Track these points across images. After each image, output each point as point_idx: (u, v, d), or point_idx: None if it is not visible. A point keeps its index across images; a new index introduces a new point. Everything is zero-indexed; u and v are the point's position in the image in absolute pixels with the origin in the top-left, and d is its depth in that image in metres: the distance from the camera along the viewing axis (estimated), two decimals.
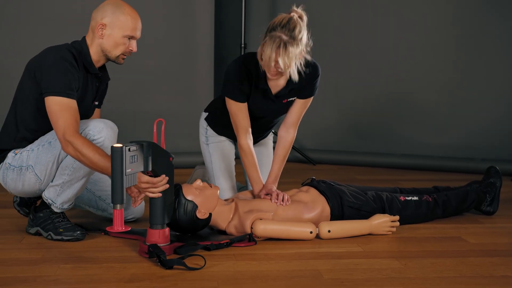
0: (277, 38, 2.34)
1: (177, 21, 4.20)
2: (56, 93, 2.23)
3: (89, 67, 2.41)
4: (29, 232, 2.44)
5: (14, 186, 2.41)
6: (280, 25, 2.35)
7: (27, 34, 3.94)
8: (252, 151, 2.65)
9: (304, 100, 2.66)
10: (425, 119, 4.41)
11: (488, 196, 2.87)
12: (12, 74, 3.91)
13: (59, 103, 2.23)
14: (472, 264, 2.18)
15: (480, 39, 4.25)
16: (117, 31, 2.37)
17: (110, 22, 2.37)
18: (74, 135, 2.21)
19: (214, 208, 2.39)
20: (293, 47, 2.34)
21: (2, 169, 2.42)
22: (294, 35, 2.34)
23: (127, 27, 2.38)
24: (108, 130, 2.31)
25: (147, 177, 2.15)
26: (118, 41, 2.38)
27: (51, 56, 2.30)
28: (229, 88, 2.58)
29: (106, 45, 2.39)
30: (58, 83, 2.24)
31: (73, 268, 2.07)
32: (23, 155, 2.37)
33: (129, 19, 2.38)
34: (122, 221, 2.02)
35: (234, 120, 2.63)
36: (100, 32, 2.37)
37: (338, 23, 4.44)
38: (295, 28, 2.35)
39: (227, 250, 2.28)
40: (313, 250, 2.31)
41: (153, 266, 2.09)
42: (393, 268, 2.12)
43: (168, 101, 4.25)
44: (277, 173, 2.71)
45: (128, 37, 2.39)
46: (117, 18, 2.37)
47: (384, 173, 4.10)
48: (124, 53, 2.43)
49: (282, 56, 2.34)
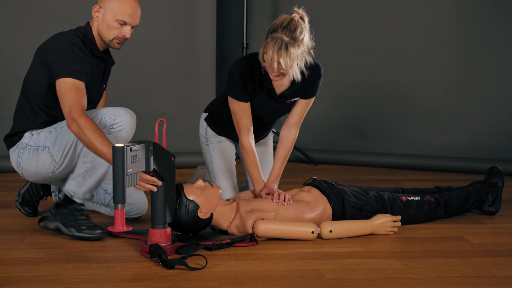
0: (279, 40, 2.34)
1: (179, 22, 4.20)
2: (66, 75, 2.27)
3: (94, 51, 2.45)
4: (47, 226, 2.44)
5: (28, 167, 2.41)
6: (281, 27, 2.36)
7: (28, 32, 3.95)
8: (253, 150, 2.65)
9: (306, 100, 2.67)
10: (427, 119, 4.41)
11: (490, 196, 2.86)
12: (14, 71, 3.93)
13: (67, 83, 2.27)
14: (474, 264, 2.18)
15: (482, 39, 4.25)
16: (110, 14, 2.40)
17: (104, 5, 2.41)
18: (80, 113, 2.22)
19: (215, 208, 2.39)
20: (295, 48, 2.34)
21: (18, 149, 2.43)
22: (295, 36, 2.35)
23: (119, 11, 2.40)
24: (128, 116, 2.35)
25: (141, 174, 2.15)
26: (110, 24, 2.41)
27: (61, 42, 2.35)
28: (233, 87, 2.58)
29: (101, 28, 2.43)
30: (69, 67, 2.28)
31: (74, 267, 2.07)
32: (41, 135, 2.39)
33: (123, 4, 2.40)
34: (123, 221, 2.02)
35: (236, 120, 2.63)
36: (96, 15, 2.43)
37: (340, 23, 4.44)
38: (296, 29, 2.35)
39: (229, 250, 2.28)
40: (315, 250, 2.31)
41: (155, 266, 2.10)
42: (394, 268, 2.11)
43: (169, 101, 4.25)
44: (278, 172, 2.71)
45: (120, 22, 2.41)
46: (111, 1, 2.40)
47: (386, 173, 4.10)
48: (117, 37, 2.44)
49: (283, 57, 2.34)
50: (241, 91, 2.57)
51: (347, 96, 4.53)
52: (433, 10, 4.31)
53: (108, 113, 2.33)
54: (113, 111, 2.34)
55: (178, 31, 4.20)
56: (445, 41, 4.31)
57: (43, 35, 3.89)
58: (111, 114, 2.33)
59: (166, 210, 2.20)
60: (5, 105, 3.85)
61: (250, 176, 2.68)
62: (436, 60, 4.34)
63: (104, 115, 2.33)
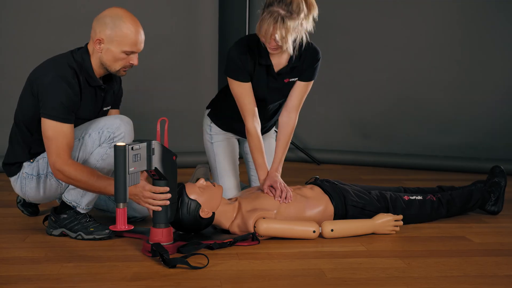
0: (275, 13, 2.36)
1: (182, 20, 4.20)
2: (51, 117, 2.21)
3: (91, 81, 2.34)
4: (52, 234, 2.42)
5: (34, 195, 2.42)
6: (277, 0, 2.38)
7: (30, 33, 3.95)
8: (259, 135, 2.64)
9: (304, 83, 2.66)
10: (429, 118, 4.40)
11: (492, 196, 2.86)
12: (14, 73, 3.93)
13: (52, 128, 2.22)
14: (476, 263, 2.17)
15: (485, 39, 4.24)
16: (116, 46, 2.27)
17: (108, 37, 2.26)
18: (66, 162, 2.20)
19: (217, 207, 2.39)
20: (290, 21, 2.36)
21: (19, 179, 2.42)
22: (292, 9, 2.36)
23: (126, 42, 2.27)
24: (125, 125, 2.33)
25: (149, 185, 2.16)
26: (116, 56, 2.29)
27: (50, 74, 2.25)
28: (232, 68, 2.57)
29: (105, 59, 2.31)
30: (54, 107, 2.21)
31: (76, 266, 2.07)
32: (40, 162, 2.38)
33: (129, 34, 2.26)
34: (125, 220, 2.02)
35: (239, 103, 2.62)
36: (98, 47, 2.29)
37: (342, 23, 4.43)
38: (293, 3, 2.37)
39: (230, 249, 2.28)
40: (316, 249, 2.31)
41: (156, 265, 2.09)
42: (396, 268, 2.11)
43: (171, 100, 4.25)
44: (281, 159, 2.69)
45: (127, 52, 2.29)
46: (115, 33, 2.26)
47: (388, 173, 4.09)
48: (124, 67, 2.34)
49: (279, 29, 2.36)
50: (240, 71, 2.56)
51: (349, 95, 4.52)
52: (436, 10, 4.30)
53: (105, 127, 2.31)
54: (109, 124, 2.31)
55: (180, 30, 4.20)
56: (447, 41, 4.30)
57: (46, 34, 3.93)
58: (108, 127, 2.31)
59: (168, 209, 2.20)
60: (10, 105, 3.86)
61: (254, 161, 2.67)
62: (439, 59, 4.33)
63: (102, 129, 2.31)
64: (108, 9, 2.31)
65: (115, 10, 2.30)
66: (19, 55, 3.94)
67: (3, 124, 3.85)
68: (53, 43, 3.92)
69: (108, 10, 2.30)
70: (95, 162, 2.32)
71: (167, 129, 2.24)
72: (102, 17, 2.28)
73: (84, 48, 2.36)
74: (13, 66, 3.93)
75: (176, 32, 4.21)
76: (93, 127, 2.33)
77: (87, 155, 2.32)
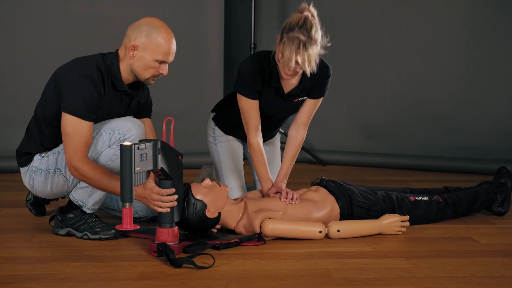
0: (296, 39, 2.35)
1: (187, 22, 4.21)
2: (72, 112, 2.23)
3: (117, 85, 2.36)
4: (59, 234, 2.42)
5: (42, 189, 2.43)
6: (298, 26, 2.36)
7: (38, 35, 3.96)
8: (261, 149, 2.65)
9: (314, 100, 2.67)
10: (435, 119, 4.39)
11: (499, 197, 2.85)
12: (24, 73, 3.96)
13: (72, 124, 2.23)
14: (483, 264, 2.16)
15: (491, 39, 4.23)
16: (149, 54, 2.30)
17: (142, 44, 2.29)
18: (81, 160, 2.22)
19: (223, 207, 2.39)
20: (312, 47, 2.36)
21: (29, 172, 2.43)
22: (312, 35, 2.36)
23: (159, 51, 2.30)
24: (136, 128, 2.34)
25: (157, 188, 2.17)
26: (148, 64, 2.31)
27: (76, 72, 2.27)
28: (242, 84, 2.58)
29: (136, 66, 2.33)
30: (76, 103, 2.23)
31: (82, 266, 2.08)
32: (50, 158, 2.39)
33: (163, 43, 2.29)
34: (131, 220, 2.02)
35: (244, 118, 2.63)
36: (131, 53, 2.30)
37: (347, 24, 4.43)
38: (312, 28, 2.37)
39: (236, 249, 2.28)
40: (322, 250, 2.30)
41: (162, 265, 2.10)
42: (402, 268, 2.11)
43: (177, 101, 4.25)
44: (287, 172, 2.71)
45: (159, 61, 2.32)
46: (150, 41, 2.28)
47: (394, 174, 4.08)
48: (153, 76, 2.37)
49: (301, 55, 2.35)
50: (250, 89, 2.57)
51: (355, 96, 4.52)
52: (441, 11, 4.30)
53: (116, 128, 2.32)
54: (120, 126, 2.33)
55: (186, 31, 4.20)
56: (453, 41, 4.29)
57: (53, 35, 3.94)
58: (119, 129, 2.32)
59: (174, 209, 2.20)
60: (19, 105, 3.88)
61: (258, 175, 2.68)
62: (444, 60, 4.32)
63: (113, 130, 2.32)
64: (144, 18, 2.34)
65: (151, 20, 2.33)
66: (20, 55, 3.95)
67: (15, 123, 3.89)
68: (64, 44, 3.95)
69: (144, 19, 2.34)
70: (103, 163, 2.33)
71: (173, 129, 2.24)
72: (138, 25, 2.32)
73: (115, 53, 2.38)
74: (22, 66, 3.94)
75: (182, 33, 4.20)
76: (105, 128, 2.34)
77: (97, 155, 2.32)
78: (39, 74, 3.92)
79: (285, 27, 2.40)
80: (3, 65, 3.93)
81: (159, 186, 2.18)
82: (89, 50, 3.92)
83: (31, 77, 3.92)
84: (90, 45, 3.96)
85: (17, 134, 3.34)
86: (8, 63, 3.94)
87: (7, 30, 3.94)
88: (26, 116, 3.04)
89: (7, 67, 3.94)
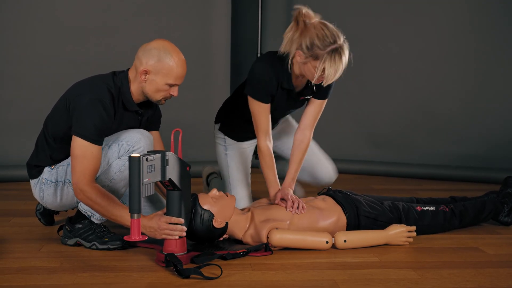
0: (336, 54, 2.41)
1: (194, 30, 4.23)
2: (82, 136, 2.25)
3: (129, 106, 2.38)
4: (67, 244, 2.44)
5: (52, 201, 2.45)
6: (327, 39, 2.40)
7: (43, 42, 3.99)
8: (270, 153, 2.66)
9: (319, 102, 2.69)
10: (442, 128, 4.39)
11: (506, 207, 2.84)
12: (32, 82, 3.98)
13: (81, 147, 2.25)
14: (490, 275, 2.16)
15: (498, 48, 4.23)
16: (161, 78, 2.32)
17: (154, 69, 2.31)
18: (88, 184, 2.23)
19: (230, 217, 2.40)
20: (345, 53, 2.45)
21: (39, 184, 2.46)
22: (342, 44, 2.44)
23: (171, 76, 2.32)
24: (145, 139, 2.36)
25: (165, 217, 2.19)
26: (160, 88, 2.34)
27: (88, 96, 2.28)
28: (255, 88, 2.58)
29: (147, 89, 2.35)
30: (88, 128, 2.25)
31: (91, 276, 2.09)
32: (60, 169, 2.41)
33: (174, 68, 2.32)
34: (139, 230, 2.04)
35: (255, 121, 2.63)
36: (142, 77, 2.33)
37: (354, 32, 4.41)
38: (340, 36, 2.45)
39: (244, 259, 2.29)
40: (330, 260, 2.31)
41: (170, 275, 2.11)
42: (410, 279, 2.11)
43: (184, 109, 4.27)
44: (294, 176, 2.71)
45: (170, 84, 2.35)
46: (162, 66, 2.30)
47: (400, 183, 4.08)
48: (165, 97, 2.40)
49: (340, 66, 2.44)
50: (264, 93, 2.57)
51: (361, 105, 4.52)
52: (449, 21, 4.30)
53: (125, 140, 2.35)
54: (129, 137, 2.35)
55: (192, 39, 4.22)
56: (460, 50, 4.30)
57: (56, 45, 3.96)
58: (128, 140, 2.34)
59: None
60: (26, 115, 3.91)
61: (266, 179, 2.69)
62: (451, 69, 4.33)
63: (122, 142, 2.35)
64: (155, 41, 2.35)
65: (163, 43, 2.34)
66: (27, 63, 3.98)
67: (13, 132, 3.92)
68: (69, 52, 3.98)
69: (155, 42, 2.34)
70: (112, 174, 2.34)
71: (181, 140, 2.26)
72: (150, 49, 2.32)
73: (125, 73, 2.40)
74: (20, 75, 3.96)
75: (188, 42, 4.23)
76: (114, 139, 2.36)
77: (105, 166, 2.34)
78: (46, 83, 3.97)
79: (313, 44, 2.39)
80: (11, 74, 3.95)
81: (168, 201, 2.21)
82: (95, 60, 3.99)
83: (39, 86, 3.95)
84: (96, 55, 4.01)
85: (25, 144, 3.38)
86: (16, 72, 3.96)
87: (15, 39, 3.96)
88: (34, 126, 3.07)
89: (15, 76, 3.96)
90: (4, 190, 3.57)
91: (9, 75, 3.96)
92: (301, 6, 2.43)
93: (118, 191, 2.40)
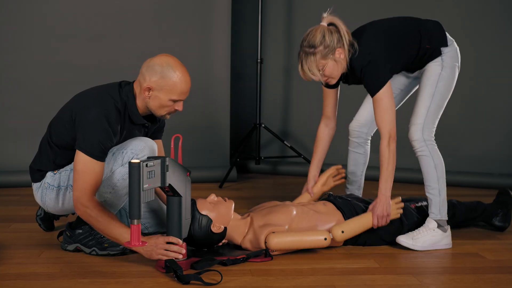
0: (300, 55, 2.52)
1: (194, 36, 4.23)
2: (86, 152, 2.25)
3: (135, 119, 2.39)
4: (67, 249, 2.44)
5: (53, 205, 2.45)
6: (303, 41, 2.52)
7: (48, 50, 4.00)
8: (322, 138, 2.87)
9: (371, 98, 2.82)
10: (442, 133, 4.38)
11: (500, 211, 2.84)
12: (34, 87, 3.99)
13: (84, 163, 2.25)
14: (490, 281, 2.16)
15: (500, 51, 4.24)
16: (164, 94, 2.31)
17: (157, 85, 2.30)
18: (90, 200, 2.24)
19: (228, 222, 2.40)
20: (311, 55, 2.49)
21: (41, 188, 2.46)
22: (313, 43, 2.49)
23: (174, 92, 2.31)
24: (149, 148, 2.37)
25: (162, 237, 2.20)
26: (164, 103, 2.33)
27: (94, 111, 2.27)
28: None
29: (151, 105, 2.35)
30: (92, 144, 2.25)
31: (90, 282, 2.09)
32: (62, 174, 2.42)
33: (178, 83, 2.30)
34: (139, 236, 2.04)
35: (323, 103, 2.86)
36: (146, 93, 2.32)
37: None
38: (313, 37, 2.49)
39: (244, 265, 2.29)
40: (329, 266, 2.31)
41: (170, 281, 2.11)
42: (409, 285, 2.11)
43: (185, 116, 4.26)
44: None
45: (174, 100, 2.34)
46: (165, 82, 2.29)
47: (401, 188, 4.07)
48: (169, 112, 2.40)
49: (305, 68, 2.52)
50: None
51: None
52: (451, 24, 4.30)
53: (129, 148, 2.35)
54: (133, 145, 2.35)
55: (192, 46, 4.23)
56: (462, 53, 4.28)
57: (54, 50, 3.96)
58: (132, 148, 2.34)
59: (182, 225, 2.22)
60: (28, 120, 3.91)
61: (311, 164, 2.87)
62: None
63: (126, 149, 2.35)
64: (159, 57, 2.34)
65: (166, 58, 2.33)
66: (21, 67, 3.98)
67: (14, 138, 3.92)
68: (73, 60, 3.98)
69: (158, 58, 2.33)
70: (115, 181, 2.35)
71: (181, 146, 2.26)
72: (153, 65, 2.31)
73: (131, 86, 2.39)
74: (24, 80, 3.97)
75: (188, 48, 4.23)
76: (118, 147, 2.36)
77: (108, 173, 2.34)
78: (46, 88, 3.97)
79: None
80: (11, 80, 3.96)
81: (168, 207, 2.22)
82: (98, 66, 3.99)
83: (41, 91, 3.95)
84: (95, 61, 4.01)
85: (26, 149, 3.37)
86: (16, 77, 3.96)
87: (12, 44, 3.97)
88: (36, 131, 3.07)
89: (19, 81, 3.96)
90: (4, 195, 3.57)
91: (9, 80, 3.96)
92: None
93: (120, 198, 2.40)
